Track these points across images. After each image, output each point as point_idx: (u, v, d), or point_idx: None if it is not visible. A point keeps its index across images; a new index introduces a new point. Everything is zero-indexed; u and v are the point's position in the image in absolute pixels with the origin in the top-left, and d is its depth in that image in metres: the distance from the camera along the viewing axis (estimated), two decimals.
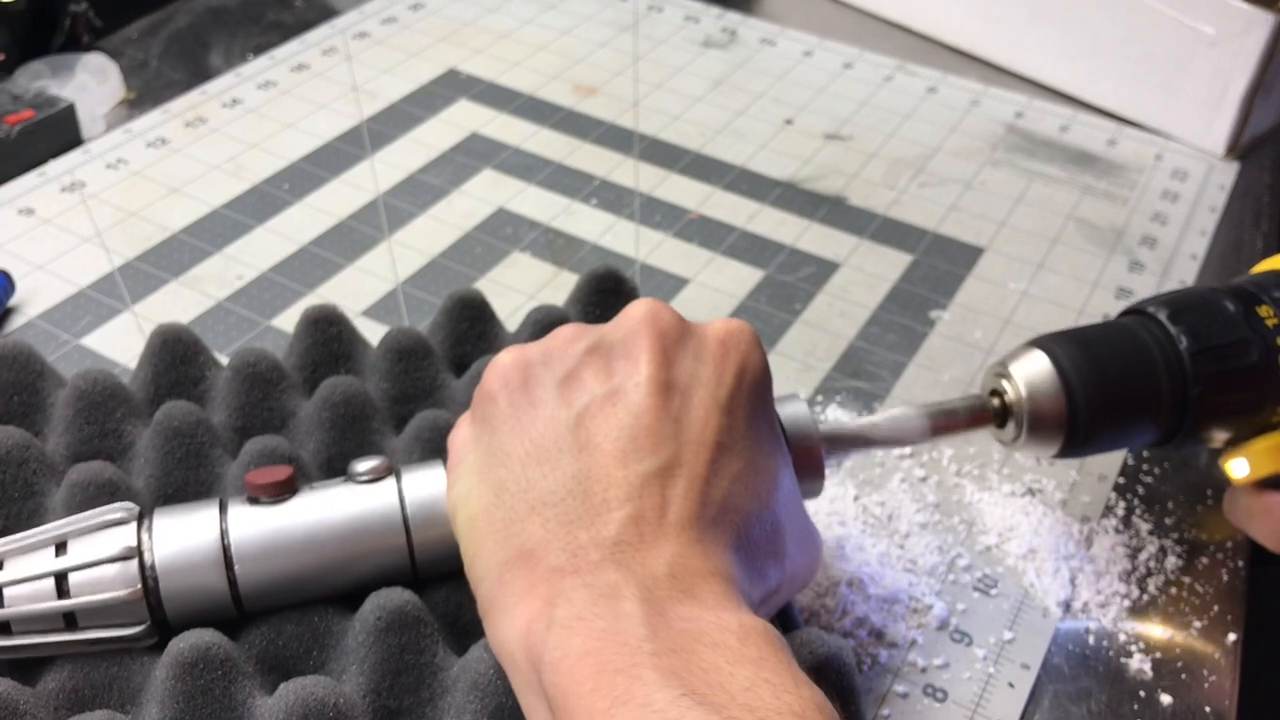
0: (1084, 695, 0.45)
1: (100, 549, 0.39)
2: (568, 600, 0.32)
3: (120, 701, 0.39)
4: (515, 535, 0.35)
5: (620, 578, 0.33)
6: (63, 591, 0.39)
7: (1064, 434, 0.44)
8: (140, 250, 0.64)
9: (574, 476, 0.35)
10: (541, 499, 0.35)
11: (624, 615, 0.31)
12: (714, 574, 0.34)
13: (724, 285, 0.63)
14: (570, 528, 0.34)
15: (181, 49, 0.83)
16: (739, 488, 0.36)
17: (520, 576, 0.35)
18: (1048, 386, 0.44)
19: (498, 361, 0.39)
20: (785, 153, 0.74)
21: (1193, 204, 0.71)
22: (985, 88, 0.81)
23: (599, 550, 0.34)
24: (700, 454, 0.36)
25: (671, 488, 0.35)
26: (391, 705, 0.39)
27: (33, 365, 0.48)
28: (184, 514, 0.41)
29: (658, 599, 0.32)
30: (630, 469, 0.35)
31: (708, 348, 0.38)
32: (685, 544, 0.34)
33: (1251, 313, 0.45)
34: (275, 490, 0.41)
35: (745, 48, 0.85)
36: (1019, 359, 0.45)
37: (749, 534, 0.36)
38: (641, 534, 0.34)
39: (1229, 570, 0.50)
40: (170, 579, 0.39)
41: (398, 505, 0.41)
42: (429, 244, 0.65)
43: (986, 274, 0.65)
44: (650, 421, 0.36)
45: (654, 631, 0.31)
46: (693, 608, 0.32)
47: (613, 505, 0.34)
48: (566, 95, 0.79)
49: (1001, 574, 0.49)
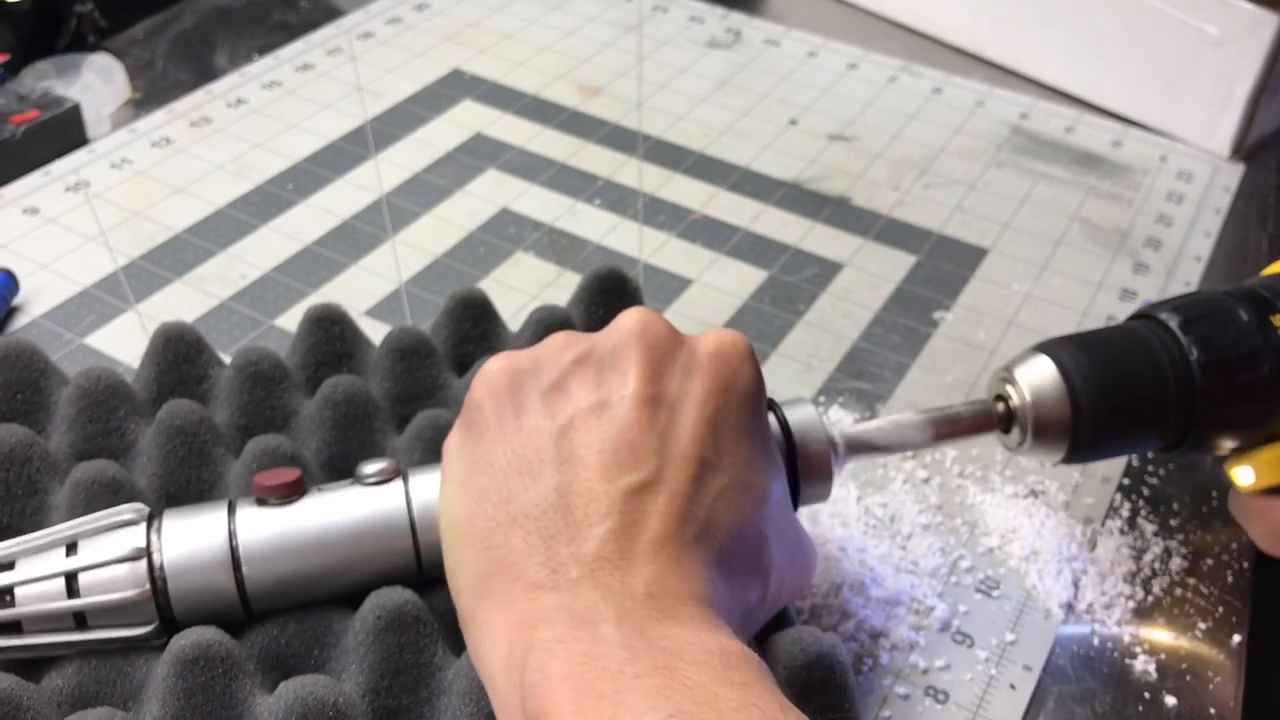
0: (1088, 696, 0.45)
1: (110, 550, 0.39)
2: (548, 623, 0.32)
3: (122, 699, 0.39)
4: (496, 547, 0.35)
5: (599, 597, 0.32)
6: (73, 591, 0.39)
7: (1069, 440, 0.44)
8: (144, 250, 0.64)
9: (555, 489, 0.35)
10: (523, 511, 0.35)
11: (603, 639, 0.31)
12: (692, 596, 0.33)
13: (727, 286, 0.63)
14: (551, 542, 0.34)
15: (187, 49, 0.83)
16: (722, 504, 0.36)
17: (499, 591, 0.34)
18: (1053, 392, 0.44)
19: (486, 368, 0.39)
20: (789, 153, 0.74)
21: (1198, 205, 0.71)
22: (990, 89, 0.81)
23: (579, 567, 0.33)
24: (684, 470, 0.35)
25: (653, 504, 0.34)
26: (390, 704, 0.39)
27: (36, 363, 0.48)
28: (193, 515, 0.41)
29: (636, 619, 0.32)
30: (612, 484, 0.34)
31: (698, 361, 0.38)
32: (664, 563, 0.34)
33: (1265, 322, 0.44)
34: (284, 492, 0.41)
35: (749, 48, 0.85)
36: (1024, 364, 0.45)
37: (731, 551, 0.36)
38: (621, 551, 0.33)
39: (1234, 572, 0.50)
40: (179, 580, 0.39)
41: (405, 508, 0.41)
42: (432, 244, 0.65)
43: (990, 275, 0.65)
44: (634, 436, 0.35)
45: (634, 653, 0.30)
46: (671, 627, 0.32)
47: (593, 520, 0.34)
48: (571, 96, 0.79)
49: (1004, 575, 0.49)
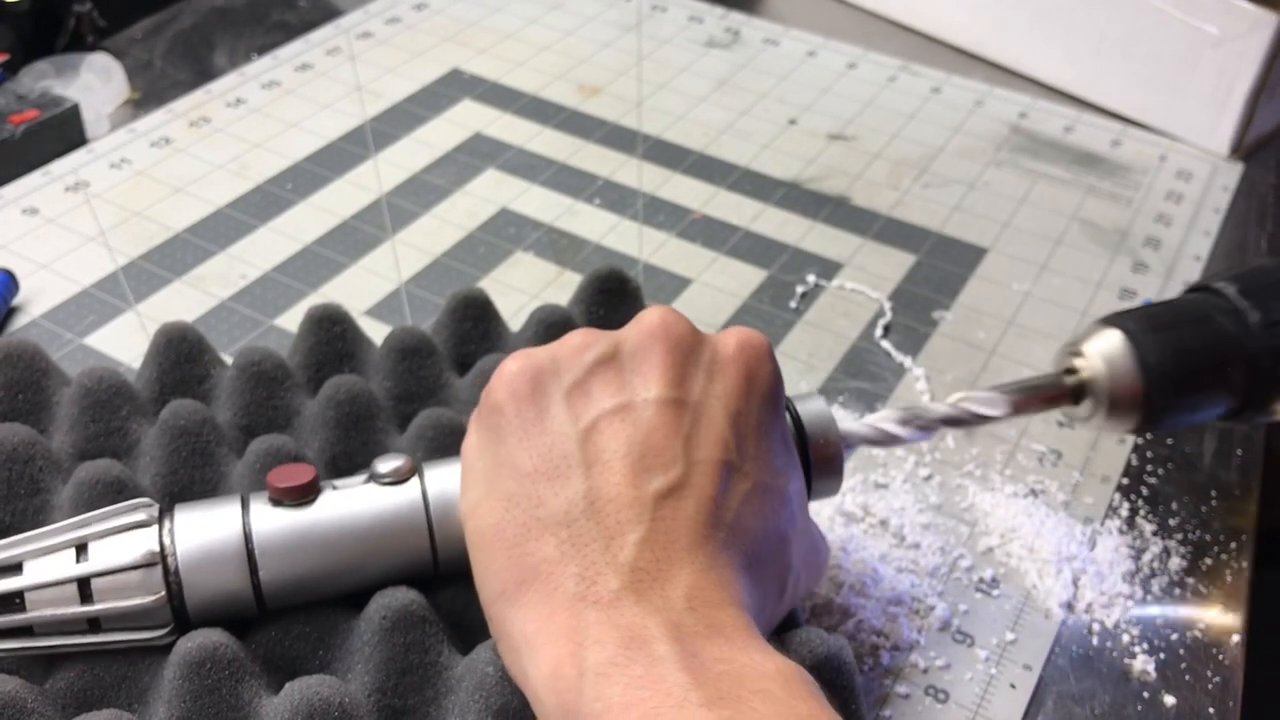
0: (1087, 696, 0.45)
1: (123, 553, 0.38)
2: (597, 641, 0.32)
3: (128, 700, 0.39)
4: (528, 554, 0.35)
5: (643, 612, 0.32)
6: (85, 597, 0.38)
7: (1142, 409, 0.45)
8: (144, 250, 0.64)
9: (584, 495, 0.34)
10: (553, 517, 0.35)
11: (659, 660, 0.31)
12: (729, 602, 0.33)
13: (727, 285, 0.63)
14: (585, 550, 0.34)
15: (186, 49, 0.83)
16: (748, 508, 0.36)
17: (537, 601, 0.34)
18: (1124, 362, 0.45)
19: (504, 368, 0.38)
20: (789, 153, 0.74)
21: (1197, 205, 0.71)
22: (989, 88, 0.81)
23: (616, 577, 0.33)
24: (709, 474, 0.35)
25: (682, 509, 0.34)
26: (396, 704, 0.39)
27: (38, 363, 0.48)
28: (205, 513, 0.40)
29: (686, 637, 0.31)
30: (641, 489, 0.34)
31: (720, 362, 0.37)
32: (698, 571, 0.34)
33: None
34: (299, 494, 0.40)
35: (749, 48, 0.85)
36: (1093, 337, 0.46)
37: (758, 554, 0.36)
38: (656, 559, 0.33)
39: (1233, 571, 0.50)
40: (194, 584, 0.39)
41: (421, 506, 0.40)
42: (432, 244, 0.65)
43: (990, 275, 0.65)
44: (660, 439, 0.35)
45: (695, 678, 0.30)
46: (724, 647, 0.32)
47: (625, 528, 0.34)
48: (570, 95, 0.79)
49: (1004, 575, 0.49)
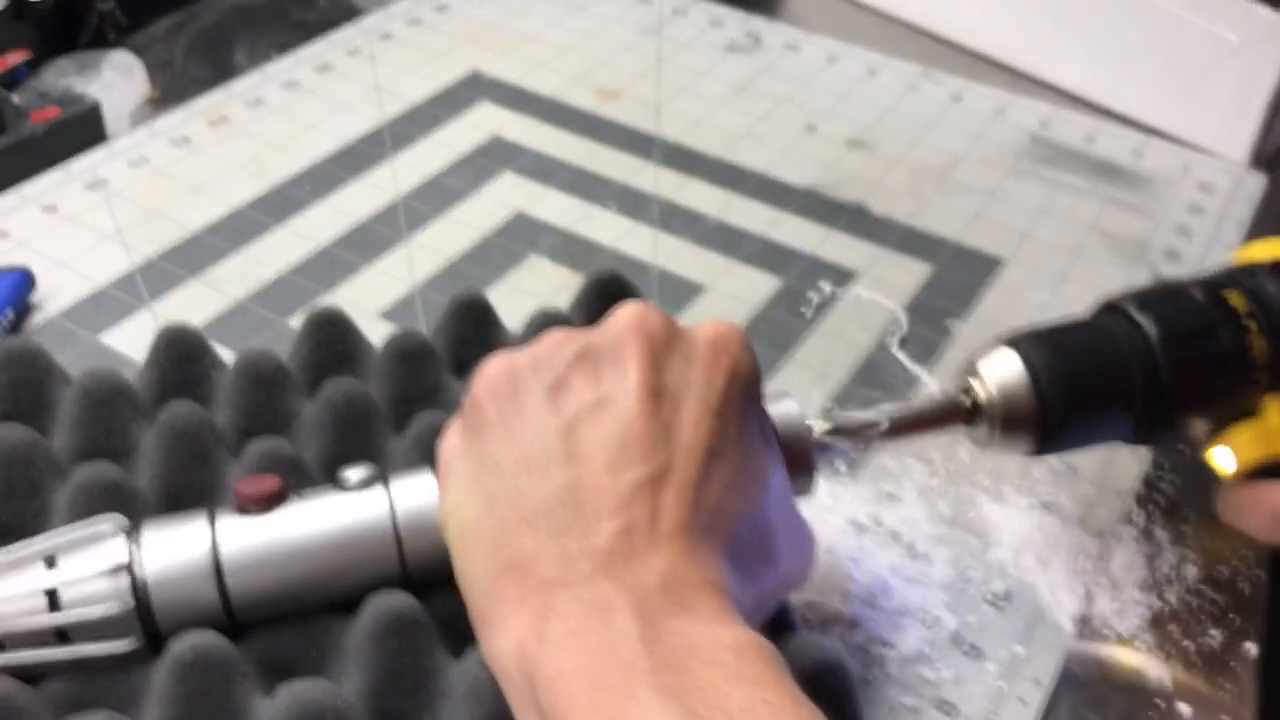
0: (1101, 704, 0.45)
1: (91, 564, 0.39)
2: (560, 615, 0.32)
3: (121, 703, 0.39)
4: (506, 546, 0.35)
5: (612, 588, 0.33)
6: (54, 607, 0.38)
7: (1037, 431, 0.44)
8: (161, 248, 0.64)
9: (564, 486, 0.35)
10: (532, 509, 0.35)
11: (617, 630, 0.31)
12: (706, 584, 0.34)
13: (741, 292, 0.63)
14: (561, 538, 0.34)
15: (206, 47, 0.83)
16: (731, 494, 0.36)
17: (511, 588, 0.34)
18: (1018, 384, 0.44)
19: (485, 369, 0.39)
20: (807, 159, 0.74)
21: (1218, 218, 0.70)
22: (1010, 96, 0.81)
23: (590, 561, 0.33)
24: (691, 461, 0.35)
25: (663, 496, 0.35)
26: (390, 708, 0.39)
27: (40, 364, 0.48)
28: (173, 526, 0.40)
29: (650, 612, 0.32)
30: (620, 478, 0.35)
31: (697, 351, 0.38)
32: (677, 553, 0.34)
33: (1221, 300, 0.46)
34: (264, 500, 0.40)
35: (769, 53, 0.85)
36: (988, 357, 0.45)
37: (741, 539, 0.36)
38: (633, 544, 0.34)
39: (1249, 581, 0.49)
40: (162, 593, 0.39)
41: (388, 513, 0.41)
42: (447, 246, 0.65)
43: (1007, 285, 0.65)
44: (640, 429, 0.35)
45: (648, 647, 0.31)
46: (686, 621, 0.32)
47: (604, 515, 0.34)
48: (588, 99, 0.79)
49: (1015, 588, 0.48)
